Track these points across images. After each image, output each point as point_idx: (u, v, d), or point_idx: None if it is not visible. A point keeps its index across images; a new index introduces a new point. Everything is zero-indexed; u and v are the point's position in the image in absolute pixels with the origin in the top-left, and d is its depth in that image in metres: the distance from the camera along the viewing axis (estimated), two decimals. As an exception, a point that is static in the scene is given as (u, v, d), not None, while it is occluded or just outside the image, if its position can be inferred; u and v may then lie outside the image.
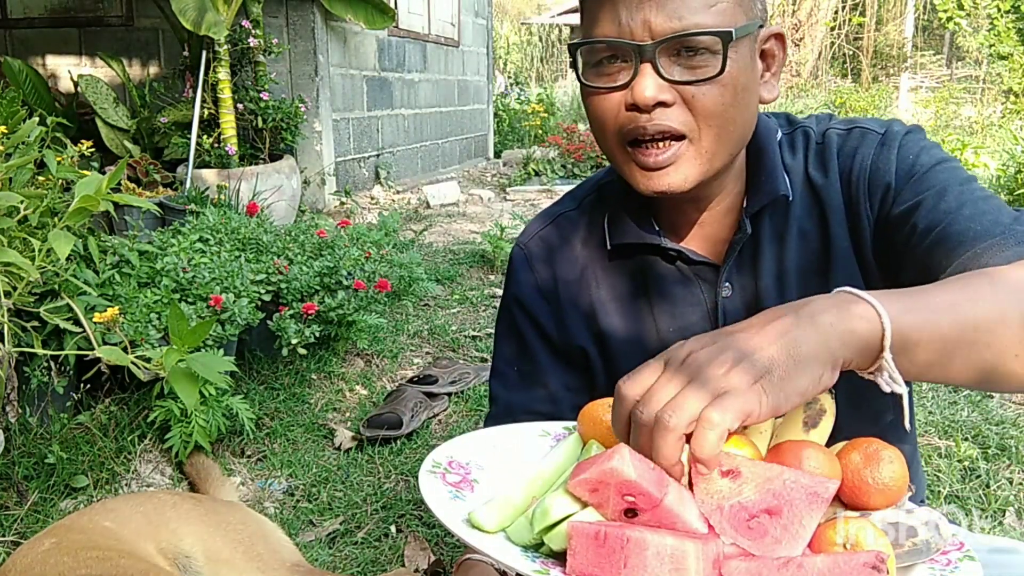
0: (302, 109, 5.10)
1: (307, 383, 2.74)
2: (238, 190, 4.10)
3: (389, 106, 7.03)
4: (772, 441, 0.74)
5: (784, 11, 16.83)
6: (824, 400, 0.74)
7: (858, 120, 1.02)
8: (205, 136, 4.58)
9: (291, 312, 2.53)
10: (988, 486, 2.15)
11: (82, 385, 2.20)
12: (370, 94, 6.62)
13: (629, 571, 0.60)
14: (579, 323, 1.08)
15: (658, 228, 1.03)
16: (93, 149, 2.41)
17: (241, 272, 2.49)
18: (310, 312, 2.54)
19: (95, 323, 1.69)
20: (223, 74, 4.63)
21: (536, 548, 0.68)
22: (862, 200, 0.96)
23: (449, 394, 2.75)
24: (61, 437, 2.11)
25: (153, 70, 5.72)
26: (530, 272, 1.12)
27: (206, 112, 4.67)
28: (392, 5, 6.43)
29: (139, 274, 2.36)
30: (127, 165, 4.07)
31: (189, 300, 2.37)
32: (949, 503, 2.07)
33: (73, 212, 1.66)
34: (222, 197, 3.74)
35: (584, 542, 0.62)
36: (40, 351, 1.82)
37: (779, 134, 1.03)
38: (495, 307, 3.74)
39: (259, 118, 4.89)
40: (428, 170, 8.02)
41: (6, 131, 2.01)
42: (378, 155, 6.85)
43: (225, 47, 4.60)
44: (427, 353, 3.21)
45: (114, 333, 1.85)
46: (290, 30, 5.50)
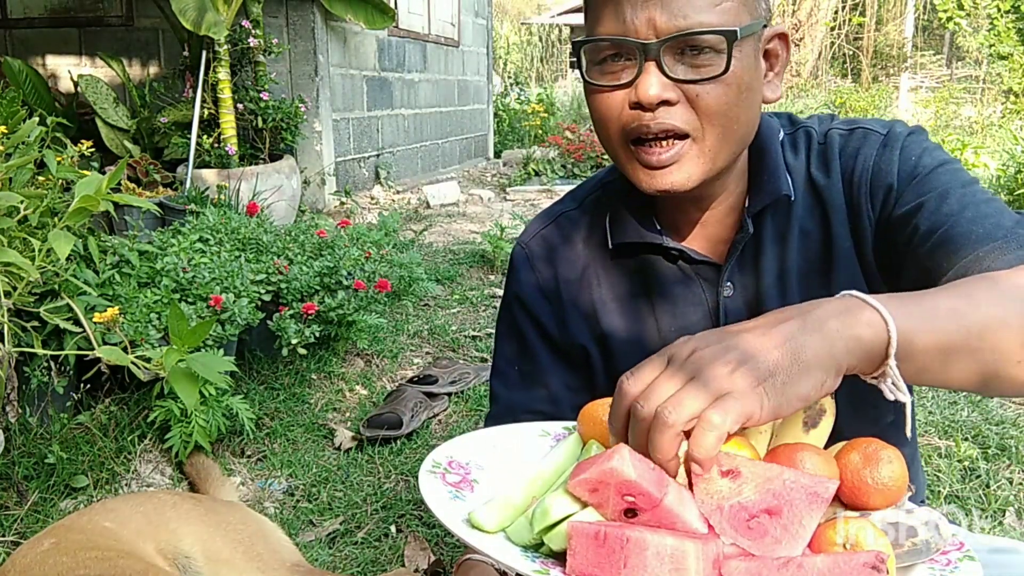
0: (302, 109, 5.10)
1: (307, 383, 2.74)
2: (238, 190, 4.10)
3: (389, 106, 7.03)
4: (772, 440, 0.74)
5: (784, 11, 16.83)
6: (824, 400, 0.74)
7: (860, 121, 1.02)
8: (205, 136, 4.58)
9: (291, 312, 2.53)
10: (988, 486, 2.15)
11: (82, 385, 2.20)
12: (370, 94, 6.62)
13: (629, 571, 0.60)
14: (580, 322, 1.08)
15: (660, 227, 1.03)
16: (93, 149, 2.41)
17: (241, 272, 2.49)
18: (310, 312, 2.54)
19: (95, 323, 1.69)
20: (223, 74, 4.63)
21: (536, 548, 0.68)
22: (864, 201, 0.96)
23: (449, 394, 2.75)
24: (61, 437, 2.11)
25: (153, 70, 5.72)
26: (531, 271, 1.11)
27: (206, 112, 4.67)
28: (392, 5, 6.43)
29: (139, 274, 2.36)
30: (127, 165, 4.06)
31: (189, 300, 2.37)
32: (949, 503, 2.07)
33: (73, 212, 1.66)
34: (222, 197, 3.74)
35: (584, 542, 0.62)
36: (40, 351, 1.82)
37: (781, 134, 1.03)
38: (495, 307, 3.74)
39: (259, 118, 4.89)
40: (428, 170, 8.02)
41: (6, 131, 2.01)
42: (378, 155, 6.85)
43: (225, 47, 4.60)
44: (427, 353, 3.21)
45: (114, 333, 1.85)
46: (290, 30, 5.50)
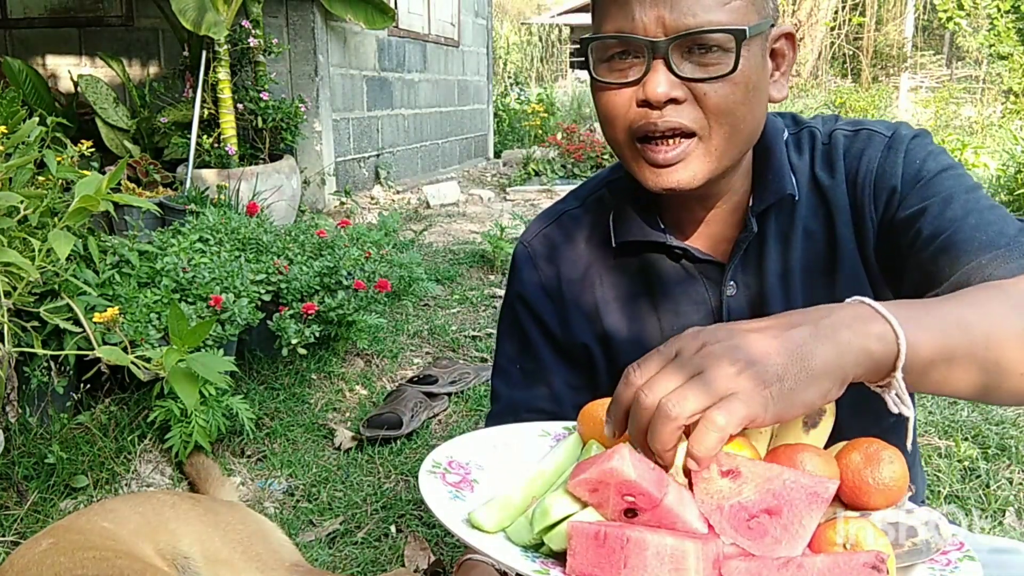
0: (302, 109, 5.11)
1: (307, 383, 2.74)
2: (238, 190, 4.10)
3: (389, 106, 7.03)
4: (772, 440, 0.74)
5: (784, 11, 16.83)
6: (825, 401, 0.74)
7: (865, 122, 1.02)
8: (205, 136, 4.58)
9: (291, 312, 2.53)
10: (988, 486, 2.14)
11: (82, 385, 2.20)
12: (370, 94, 6.62)
13: (629, 571, 0.59)
14: (582, 321, 1.08)
15: (663, 226, 1.03)
16: (93, 149, 2.41)
17: (241, 272, 2.49)
18: (310, 312, 2.53)
19: (95, 323, 1.69)
20: (223, 74, 4.63)
21: (536, 548, 0.68)
22: (867, 202, 0.96)
23: (449, 394, 2.75)
24: (61, 437, 2.11)
25: (153, 70, 5.72)
26: (534, 270, 1.11)
27: (206, 112, 4.67)
28: (392, 5, 6.43)
29: (139, 274, 2.36)
30: (127, 165, 4.06)
31: (189, 300, 2.36)
32: (949, 503, 2.07)
33: (73, 212, 1.66)
34: (222, 197, 3.74)
35: (584, 542, 0.62)
36: (40, 351, 1.82)
37: (785, 134, 1.03)
38: (495, 307, 3.74)
39: (259, 118, 4.89)
40: (428, 170, 8.02)
41: (6, 131, 2.01)
42: (378, 155, 6.85)
43: (225, 47, 4.60)
44: (427, 353, 3.21)
45: (114, 333, 1.85)
46: (290, 30, 5.50)
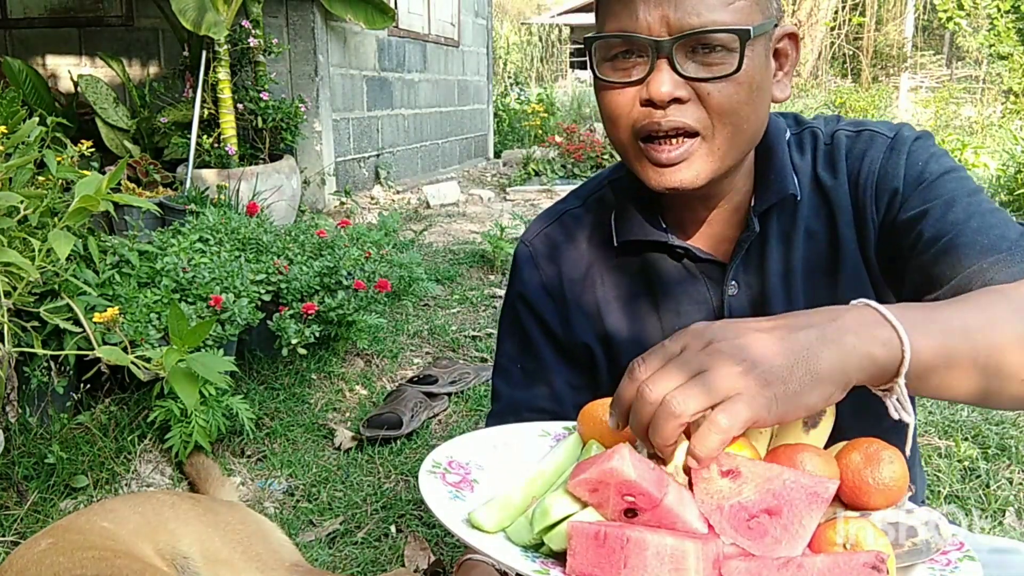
0: (302, 109, 5.10)
1: (307, 383, 2.74)
2: (238, 190, 4.10)
3: (389, 106, 7.02)
4: (772, 440, 0.74)
5: (784, 11, 16.82)
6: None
7: (867, 123, 1.02)
8: (205, 136, 4.58)
9: (291, 312, 2.53)
10: (988, 486, 2.14)
11: (82, 385, 2.20)
12: (370, 94, 6.62)
13: (629, 571, 0.59)
14: (584, 321, 1.08)
15: (665, 225, 1.03)
16: (93, 149, 2.41)
17: (241, 272, 2.49)
18: (310, 312, 2.53)
19: (95, 323, 1.69)
20: (223, 74, 4.63)
21: (536, 548, 0.68)
22: (868, 203, 0.96)
23: (449, 394, 2.75)
24: (61, 437, 2.11)
25: (153, 70, 5.72)
26: (535, 269, 1.11)
27: (206, 112, 4.67)
28: (392, 5, 6.43)
29: (139, 274, 2.36)
30: (127, 165, 4.06)
31: (189, 300, 2.36)
32: (949, 503, 2.07)
33: (73, 212, 1.66)
34: (222, 197, 3.74)
35: (584, 542, 0.62)
36: (40, 351, 1.82)
37: (787, 134, 1.03)
38: (495, 307, 3.74)
39: (259, 118, 4.89)
40: (428, 170, 8.02)
41: (6, 131, 2.01)
42: (378, 155, 6.84)
43: (225, 47, 4.59)
44: (427, 353, 3.21)
45: (114, 333, 1.85)
46: (290, 30, 5.50)
